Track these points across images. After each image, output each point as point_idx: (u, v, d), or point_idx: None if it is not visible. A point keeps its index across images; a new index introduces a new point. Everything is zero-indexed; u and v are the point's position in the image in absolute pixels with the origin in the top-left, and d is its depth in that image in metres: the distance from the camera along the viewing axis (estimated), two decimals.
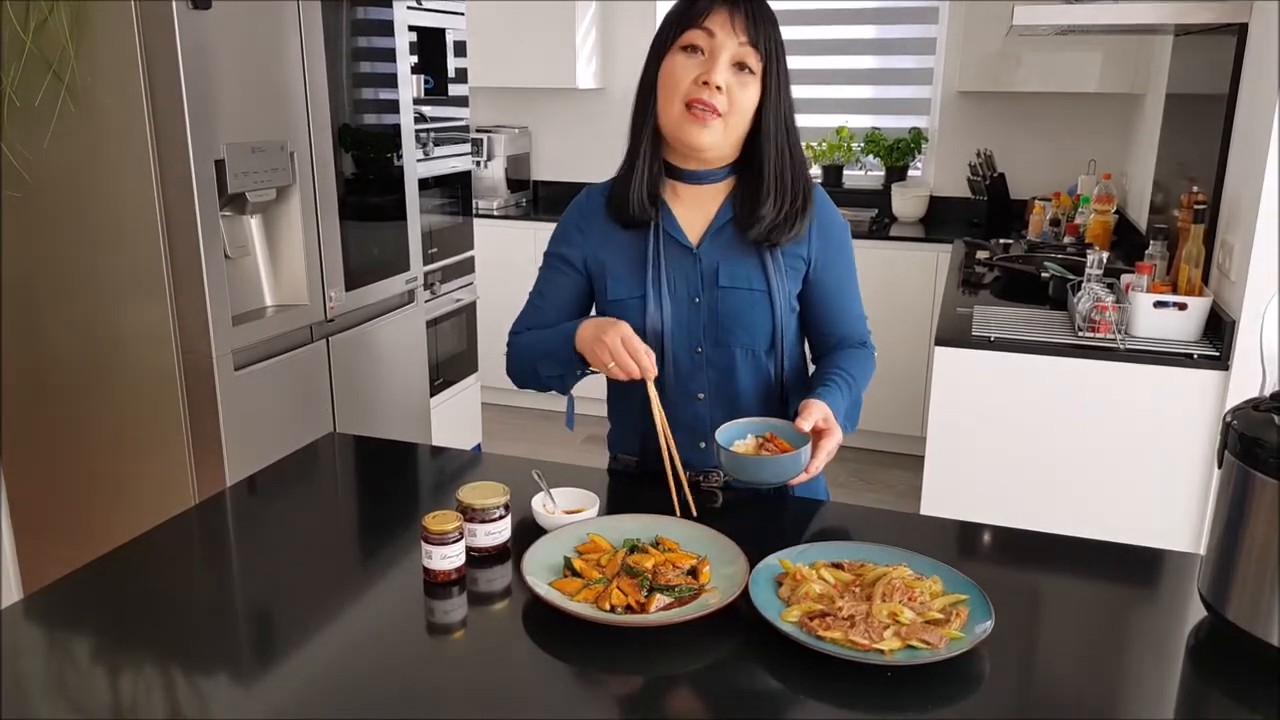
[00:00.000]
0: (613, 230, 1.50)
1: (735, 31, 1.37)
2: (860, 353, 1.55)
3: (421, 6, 3.35)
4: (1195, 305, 2.36)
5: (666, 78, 1.42)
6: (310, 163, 2.55)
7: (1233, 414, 1.09)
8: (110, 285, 2.32)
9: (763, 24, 1.38)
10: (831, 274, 1.52)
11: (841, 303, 1.55)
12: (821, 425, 1.36)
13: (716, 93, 1.37)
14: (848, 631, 1.04)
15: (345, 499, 1.57)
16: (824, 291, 1.53)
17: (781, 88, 1.42)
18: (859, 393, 1.50)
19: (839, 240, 1.53)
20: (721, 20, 1.37)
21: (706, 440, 1.51)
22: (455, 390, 3.85)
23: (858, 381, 1.50)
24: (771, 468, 1.32)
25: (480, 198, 4.62)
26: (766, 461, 1.32)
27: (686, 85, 1.39)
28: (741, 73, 1.39)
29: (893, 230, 4.20)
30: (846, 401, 1.45)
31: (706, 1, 1.38)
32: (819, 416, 1.35)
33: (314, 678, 1.03)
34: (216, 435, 2.33)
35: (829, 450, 1.36)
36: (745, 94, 1.40)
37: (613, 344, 1.35)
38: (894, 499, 3.81)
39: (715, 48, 1.37)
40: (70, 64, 2.17)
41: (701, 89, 1.38)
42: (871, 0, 4.44)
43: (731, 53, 1.38)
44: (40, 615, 1.16)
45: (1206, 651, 1.10)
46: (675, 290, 1.48)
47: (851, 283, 1.56)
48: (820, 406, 1.37)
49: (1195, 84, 2.90)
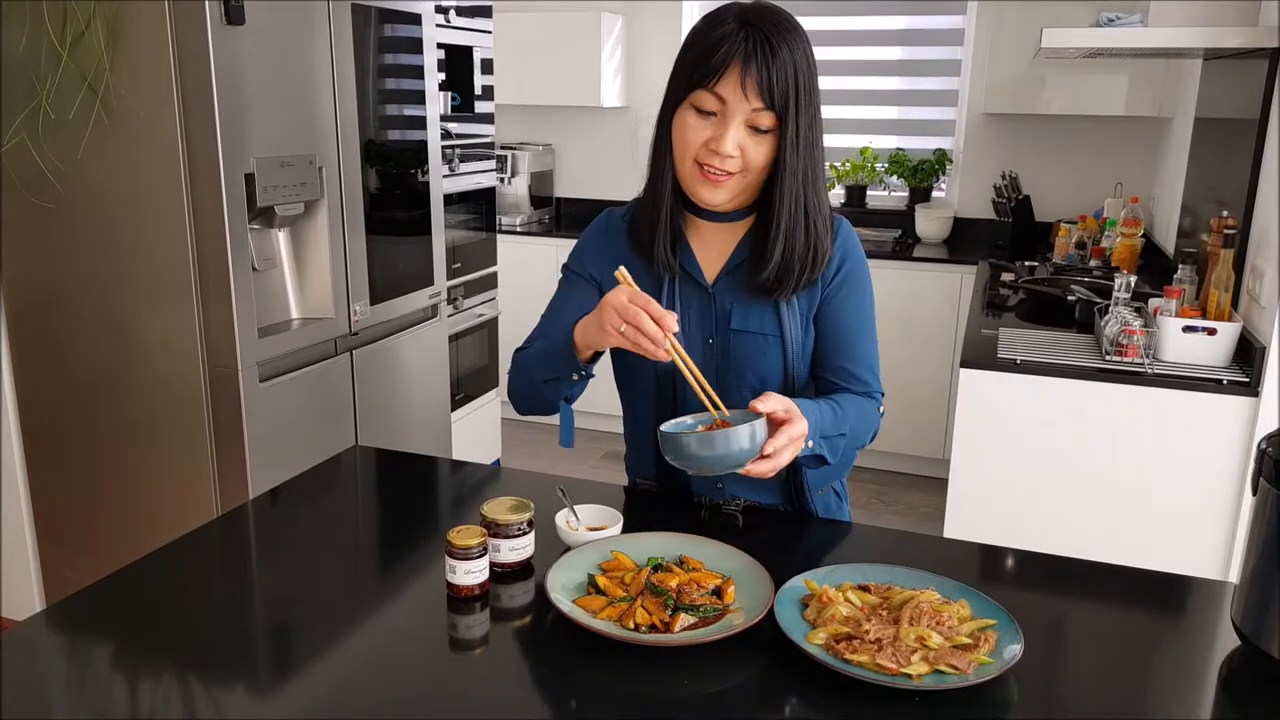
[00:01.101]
0: (632, 258, 1.45)
1: (747, 97, 1.27)
2: (862, 401, 1.43)
3: (450, 24, 3.39)
4: (1225, 330, 2.34)
5: (678, 135, 1.35)
6: (338, 177, 2.57)
7: (1268, 441, 1.08)
8: (138, 296, 2.34)
9: (779, 80, 1.27)
10: (841, 312, 1.44)
11: (850, 346, 1.44)
12: (782, 415, 1.24)
13: (728, 159, 1.30)
14: (875, 655, 1.03)
15: (367, 512, 1.57)
16: (830, 329, 1.44)
17: (799, 144, 1.31)
18: (845, 428, 1.37)
19: (856, 280, 1.44)
20: (732, 85, 1.27)
21: (723, 481, 1.48)
22: (476, 405, 3.86)
23: (846, 417, 1.38)
24: (717, 443, 1.18)
25: (504, 214, 4.65)
26: (709, 437, 1.18)
27: (697, 148, 1.32)
28: (757, 133, 1.31)
29: (916, 251, 4.19)
30: (824, 422, 1.33)
31: (719, 60, 1.27)
32: (778, 404, 1.24)
33: (334, 691, 1.02)
34: (241, 446, 2.35)
35: (792, 435, 1.23)
36: (759, 150, 1.32)
37: (618, 302, 1.21)
38: (916, 521, 3.77)
39: (727, 113, 1.29)
40: (105, 77, 2.21)
41: (712, 155, 1.31)
42: (897, 22, 4.45)
43: (744, 117, 1.29)
44: (62, 624, 1.16)
45: (1240, 681, 1.08)
46: (689, 330, 1.43)
47: (865, 328, 1.46)
48: (781, 398, 1.26)
49: (1225, 108, 2.88)
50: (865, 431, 1.44)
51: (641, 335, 1.20)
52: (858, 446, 1.45)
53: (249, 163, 2.26)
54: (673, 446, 1.21)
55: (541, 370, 1.40)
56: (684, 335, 1.43)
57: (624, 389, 1.54)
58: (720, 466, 1.20)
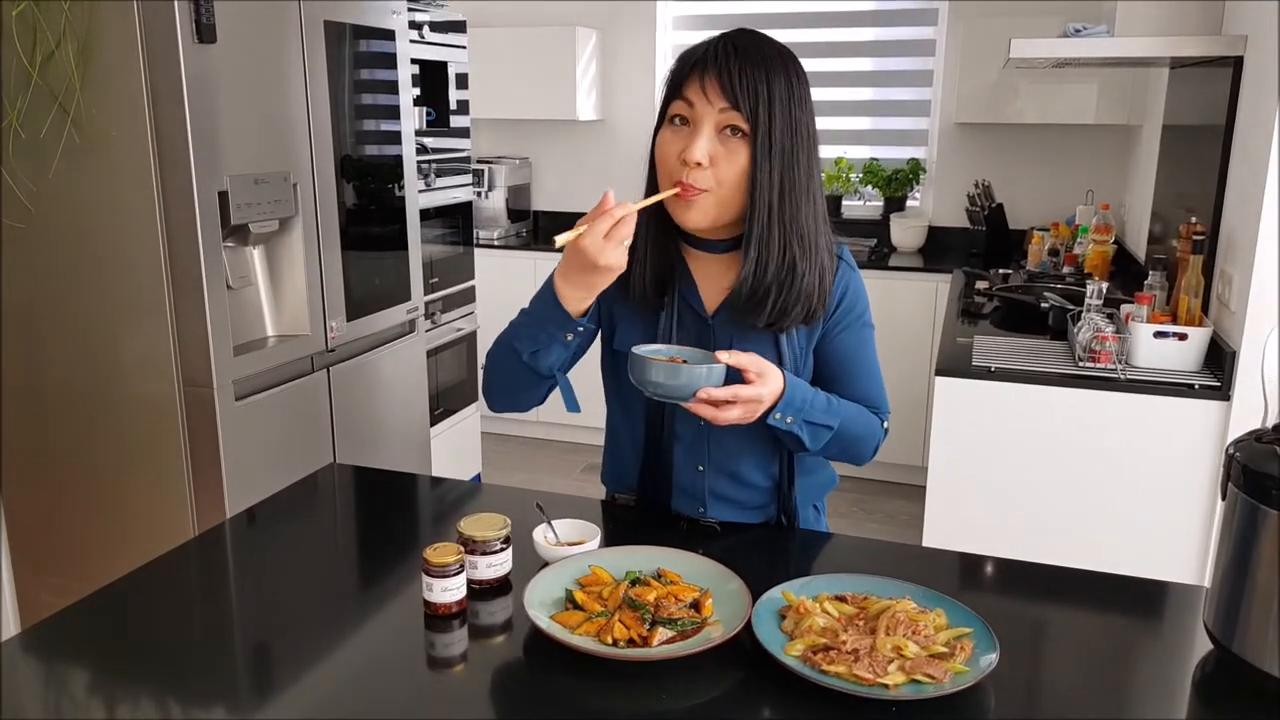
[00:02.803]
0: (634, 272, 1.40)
1: (711, 98, 1.24)
2: (867, 411, 1.42)
3: (424, 40, 3.39)
4: (1195, 335, 2.37)
5: (659, 154, 1.31)
6: (313, 194, 2.56)
7: (1235, 446, 1.09)
8: (112, 315, 2.32)
9: (746, 83, 1.24)
10: (843, 346, 1.42)
11: (851, 375, 1.43)
12: (752, 377, 1.24)
13: (697, 170, 1.25)
14: (852, 666, 1.04)
15: (345, 531, 1.56)
16: (831, 361, 1.43)
17: (772, 153, 1.26)
18: (835, 421, 1.35)
19: (856, 314, 1.42)
20: (696, 88, 1.25)
21: (705, 506, 1.47)
22: (455, 420, 3.84)
23: (841, 412, 1.36)
24: (680, 374, 1.22)
25: (481, 228, 4.65)
26: (672, 368, 1.23)
27: (672, 163, 1.28)
28: (732, 137, 1.26)
29: (891, 260, 4.21)
30: (811, 406, 1.32)
31: (688, 66, 1.27)
32: (749, 362, 1.24)
33: (313, 711, 1.02)
34: (217, 466, 2.33)
35: (742, 393, 1.23)
36: (734, 162, 1.26)
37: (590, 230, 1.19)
38: (896, 529, 3.79)
39: (696, 118, 1.26)
40: (76, 96, 2.19)
41: (683, 167, 1.26)
42: (869, 34, 4.49)
43: (714, 121, 1.25)
44: (38, 649, 1.15)
45: (1213, 685, 1.09)
46: None
47: (865, 358, 1.44)
48: (759, 360, 1.26)
49: (1192, 116, 2.92)
50: (864, 438, 1.42)
51: (595, 220, 1.20)
52: (853, 452, 1.43)
53: (222, 180, 2.25)
54: (638, 367, 1.25)
55: (528, 341, 1.32)
56: None
57: (611, 402, 1.53)
58: (672, 396, 1.26)
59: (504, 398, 1.43)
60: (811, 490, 1.54)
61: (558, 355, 1.33)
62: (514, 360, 1.35)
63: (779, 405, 1.29)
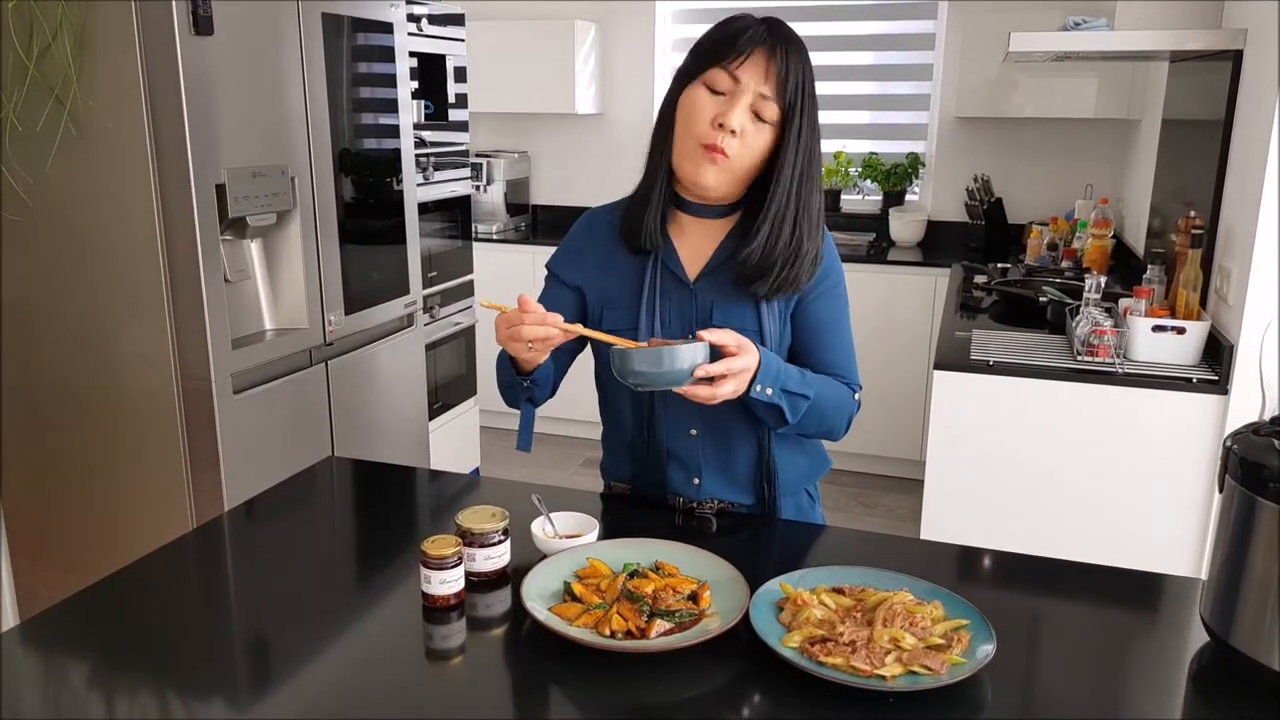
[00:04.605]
0: (616, 257, 1.48)
1: (766, 80, 1.32)
2: (838, 383, 1.46)
3: (422, 33, 3.38)
4: (1194, 329, 2.37)
5: (686, 111, 1.37)
6: (311, 187, 2.56)
7: (1233, 438, 1.09)
8: (110, 308, 2.32)
9: (792, 76, 1.33)
10: (818, 312, 1.47)
11: (826, 343, 1.47)
12: (732, 349, 1.28)
13: (730, 136, 1.33)
14: (849, 657, 1.04)
15: (343, 523, 1.56)
16: (807, 326, 1.47)
17: (799, 143, 1.36)
18: (811, 391, 1.38)
19: (833, 286, 1.48)
20: (752, 69, 1.32)
21: (700, 476, 1.49)
22: (454, 414, 3.85)
23: (814, 383, 1.40)
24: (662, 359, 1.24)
25: (480, 222, 4.64)
26: (654, 353, 1.24)
27: (703, 126, 1.34)
28: (757, 119, 1.35)
29: (890, 254, 4.21)
30: (787, 377, 1.36)
31: (745, 43, 1.33)
32: (729, 338, 1.29)
33: (311, 704, 1.02)
34: (215, 459, 2.33)
35: (732, 366, 1.27)
36: (757, 140, 1.35)
37: (500, 323, 1.30)
38: (894, 523, 3.79)
39: (737, 93, 1.33)
40: (73, 89, 2.19)
41: (716, 131, 1.33)
42: (870, 27, 4.48)
43: (752, 100, 1.33)
44: (36, 641, 1.15)
45: (1209, 677, 1.10)
46: (670, 325, 1.45)
47: (840, 328, 1.49)
48: (735, 334, 1.30)
49: (1191, 110, 2.92)
50: (838, 411, 1.45)
51: (520, 334, 1.27)
52: (829, 426, 1.45)
53: (220, 174, 2.25)
54: (619, 360, 1.26)
55: (503, 375, 1.46)
56: (663, 331, 1.44)
57: (603, 390, 1.55)
58: (660, 382, 1.26)
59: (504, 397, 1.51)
60: (804, 473, 1.55)
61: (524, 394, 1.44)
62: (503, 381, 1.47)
63: (758, 376, 1.32)
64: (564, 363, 1.53)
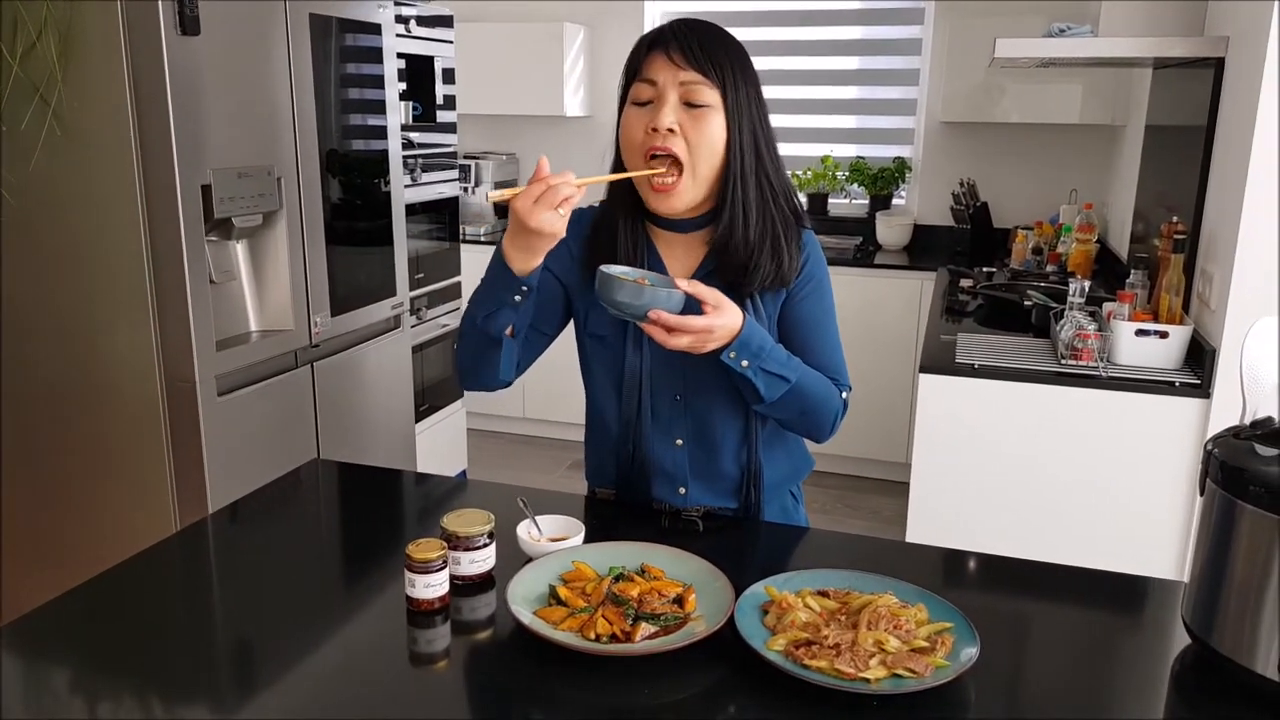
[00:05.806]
0: (599, 258, 1.44)
1: (675, 69, 1.30)
2: (826, 379, 1.44)
3: (411, 34, 3.37)
4: (1176, 334, 2.38)
5: (623, 135, 1.37)
6: (297, 188, 2.55)
7: (1214, 442, 1.10)
8: (94, 310, 2.31)
9: (710, 51, 1.31)
10: (805, 311, 1.45)
11: (814, 342, 1.45)
12: (709, 309, 1.26)
13: (669, 136, 1.31)
14: (833, 660, 1.04)
15: (328, 526, 1.56)
16: (796, 326, 1.45)
17: (744, 118, 1.33)
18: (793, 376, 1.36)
19: (820, 286, 1.47)
20: (660, 63, 1.31)
21: (686, 486, 1.49)
22: (440, 416, 3.84)
23: (798, 369, 1.37)
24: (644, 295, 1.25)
25: (467, 223, 4.63)
26: (636, 288, 1.25)
27: (640, 138, 1.33)
28: (696, 109, 1.31)
29: (877, 258, 4.23)
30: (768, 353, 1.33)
31: (645, 49, 1.33)
32: (707, 293, 1.26)
33: (295, 707, 1.02)
34: (199, 461, 2.32)
35: (694, 325, 1.25)
36: (705, 131, 1.32)
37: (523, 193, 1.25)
38: (880, 525, 3.81)
39: (660, 93, 1.32)
40: (57, 88, 2.18)
41: (653, 136, 1.31)
42: (856, 32, 4.50)
43: (677, 93, 1.31)
44: (19, 643, 1.14)
45: (1191, 679, 1.10)
46: None
47: (828, 328, 1.48)
48: (718, 293, 1.27)
49: (1174, 116, 2.94)
50: (824, 405, 1.42)
51: (558, 193, 1.23)
52: (813, 420, 1.43)
53: (205, 174, 2.24)
54: (604, 284, 1.27)
55: (484, 305, 1.37)
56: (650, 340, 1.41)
57: (589, 387, 1.53)
58: (631, 314, 1.28)
59: (470, 376, 1.46)
60: (788, 474, 1.54)
61: (507, 318, 1.36)
62: (472, 329, 1.39)
63: (733, 344, 1.30)
64: (536, 344, 1.49)
